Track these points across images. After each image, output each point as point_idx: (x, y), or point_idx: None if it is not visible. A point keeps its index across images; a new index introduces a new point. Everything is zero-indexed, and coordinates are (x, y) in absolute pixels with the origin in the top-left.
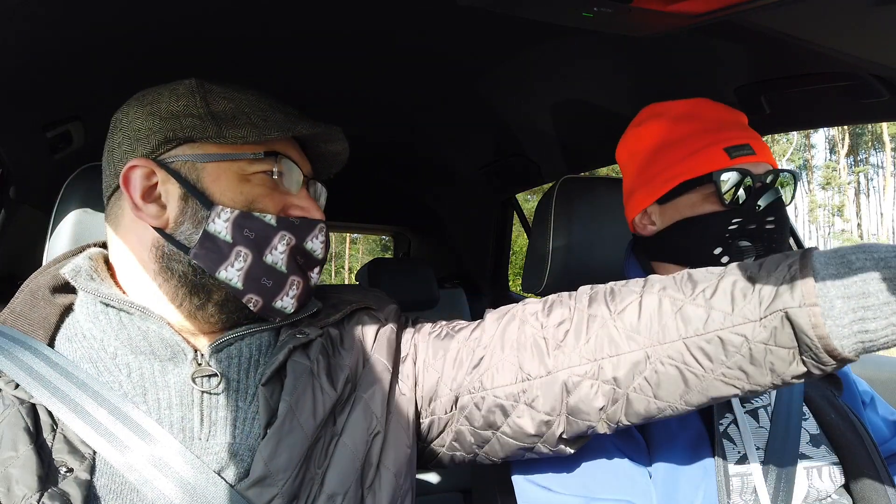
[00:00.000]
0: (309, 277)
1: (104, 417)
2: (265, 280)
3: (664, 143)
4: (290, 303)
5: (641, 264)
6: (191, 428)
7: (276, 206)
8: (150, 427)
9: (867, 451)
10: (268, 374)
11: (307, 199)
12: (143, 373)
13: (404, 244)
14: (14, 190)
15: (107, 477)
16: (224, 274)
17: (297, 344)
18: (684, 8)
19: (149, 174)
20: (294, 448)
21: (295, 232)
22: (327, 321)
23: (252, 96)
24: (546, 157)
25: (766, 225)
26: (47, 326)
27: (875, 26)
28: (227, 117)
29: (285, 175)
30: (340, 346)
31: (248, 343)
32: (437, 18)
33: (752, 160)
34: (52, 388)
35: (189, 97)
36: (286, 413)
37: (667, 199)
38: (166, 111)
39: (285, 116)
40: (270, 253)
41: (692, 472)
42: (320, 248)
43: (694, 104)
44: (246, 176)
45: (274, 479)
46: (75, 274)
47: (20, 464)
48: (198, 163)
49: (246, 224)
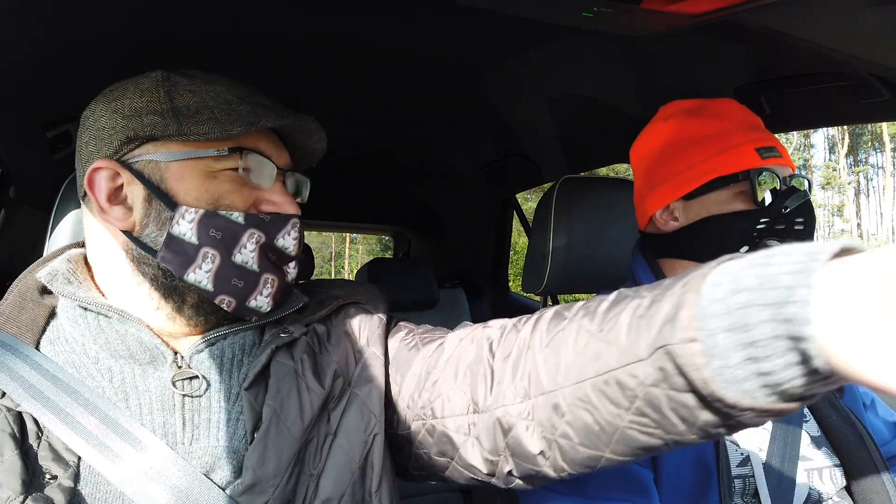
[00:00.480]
0: (285, 273)
1: (93, 425)
2: (236, 280)
3: (693, 138)
4: (265, 301)
5: (649, 263)
6: (173, 433)
7: (246, 203)
8: (141, 434)
9: (868, 453)
10: (250, 378)
11: (280, 194)
12: (124, 377)
13: (404, 244)
14: (14, 190)
15: (91, 486)
16: (193, 276)
17: (281, 344)
18: (684, 8)
19: (114, 175)
20: (282, 453)
21: (265, 229)
22: (312, 318)
23: (221, 86)
24: (546, 157)
25: (795, 226)
26: (35, 329)
27: (875, 26)
28: (189, 113)
29: (254, 170)
30: (327, 343)
31: (231, 343)
32: (438, 18)
33: (780, 162)
34: (39, 397)
35: (152, 92)
36: (270, 418)
37: (694, 195)
38: (129, 108)
39: (252, 108)
40: (240, 252)
41: (695, 474)
42: (293, 245)
43: (721, 103)
44: (212, 173)
45: (264, 486)
46: (51, 278)
47: (5, 468)
48: (162, 162)
49: (212, 224)
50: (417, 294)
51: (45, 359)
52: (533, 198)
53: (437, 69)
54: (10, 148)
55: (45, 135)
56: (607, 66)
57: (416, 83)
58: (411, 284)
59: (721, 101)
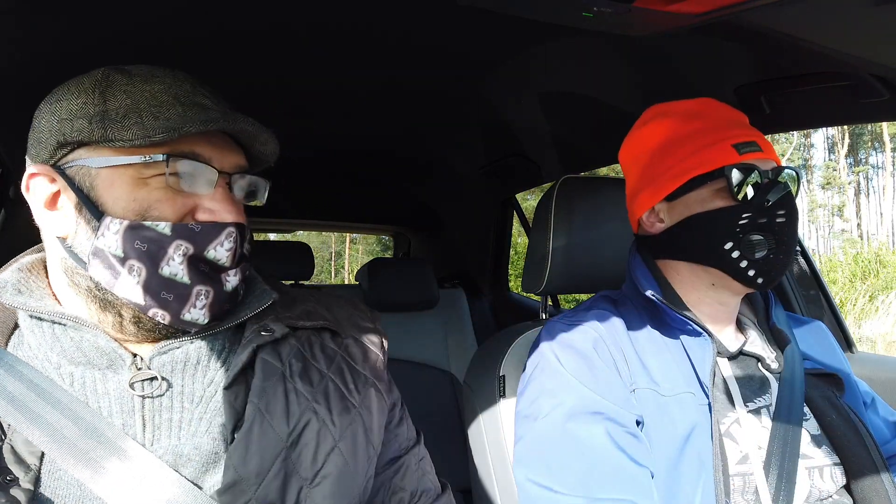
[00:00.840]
0: (222, 283)
1: (63, 426)
2: (165, 293)
3: (671, 140)
4: (199, 314)
5: (646, 263)
6: (133, 434)
7: (178, 212)
8: (113, 435)
9: (868, 452)
10: (231, 377)
11: (220, 201)
12: (84, 382)
13: (404, 244)
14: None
15: (52, 489)
16: (121, 290)
17: (263, 343)
18: (684, 8)
19: (50, 181)
20: (266, 452)
21: (193, 240)
22: (297, 324)
23: (160, 85)
24: (546, 157)
25: (777, 219)
26: (5, 331)
27: (875, 26)
28: (117, 117)
29: (186, 177)
30: (321, 354)
31: (198, 346)
32: (438, 18)
33: (760, 157)
34: (6, 396)
35: (88, 94)
36: (254, 416)
37: (676, 196)
38: (65, 111)
39: (183, 111)
40: (167, 264)
41: (692, 471)
42: (226, 256)
43: (700, 103)
44: (143, 180)
45: (246, 485)
46: (0, 290)
47: None
48: (93, 168)
49: (137, 235)
50: (417, 294)
51: (16, 360)
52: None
53: (437, 69)
54: (10, 148)
55: None
56: (607, 66)
57: (417, 83)
58: (411, 284)
59: (699, 100)
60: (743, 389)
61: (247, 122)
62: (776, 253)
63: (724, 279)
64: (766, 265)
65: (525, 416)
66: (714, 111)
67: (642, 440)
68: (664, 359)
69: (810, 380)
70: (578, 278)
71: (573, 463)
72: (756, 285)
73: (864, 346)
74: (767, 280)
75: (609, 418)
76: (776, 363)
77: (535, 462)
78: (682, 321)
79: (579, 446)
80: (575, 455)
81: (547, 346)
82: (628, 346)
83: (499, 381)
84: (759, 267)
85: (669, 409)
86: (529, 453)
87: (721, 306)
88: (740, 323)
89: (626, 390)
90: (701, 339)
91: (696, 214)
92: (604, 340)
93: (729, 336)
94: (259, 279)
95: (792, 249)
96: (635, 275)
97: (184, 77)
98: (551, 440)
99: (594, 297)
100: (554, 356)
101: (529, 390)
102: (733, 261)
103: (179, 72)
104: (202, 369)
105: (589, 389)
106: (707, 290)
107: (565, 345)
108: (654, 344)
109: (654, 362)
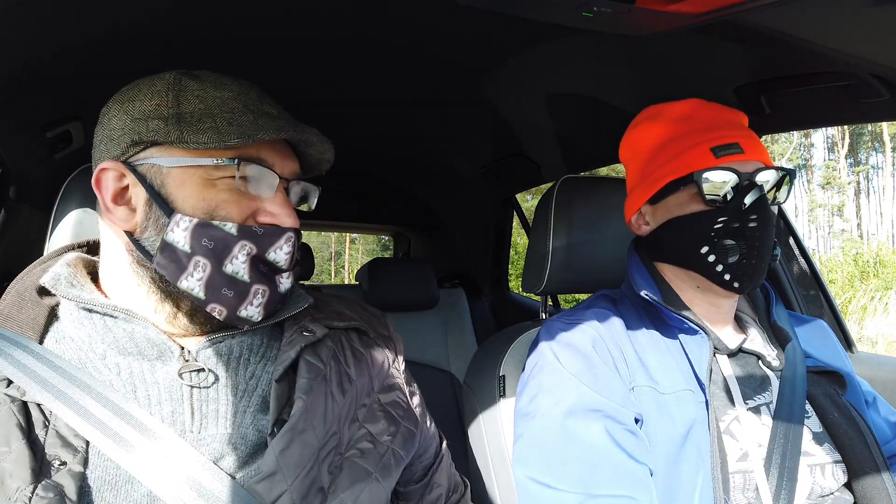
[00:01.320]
0: (277, 284)
1: (101, 412)
2: (226, 290)
3: (657, 144)
4: (255, 311)
5: (644, 263)
6: (182, 421)
7: (243, 213)
8: (149, 422)
9: (870, 450)
10: (280, 371)
11: (280, 205)
12: (132, 371)
13: (404, 244)
14: (14, 190)
15: (101, 469)
16: (185, 283)
17: (307, 343)
18: (684, 8)
19: (119, 176)
20: (306, 448)
21: (257, 241)
22: (331, 324)
23: (229, 92)
24: (546, 157)
25: (749, 223)
26: (36, 328)
27: (875, 26)
28: (192, 120)
29: (253, 180)
30: (352, 357)
31: (240, 341)
32: (438, 18)
33: (740, 158)
34: (45, 384)
35: (162, 96)
36: (302, 411)
37: (657, 199)
38: (138, 111)
39: (255, 118)
40: (231, 262)
41: (691, 469)
42: (284, 259)
43: (691, 105)
44: (212, 181)
45: (285, 475)
46: (55, 282)
47: (13, 458)
48: (164, 167)
49: (205, 233)
50: (417, 294)
51: (46, 350)
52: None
53: (437, 69)
54: (10, 148)
55: (44, 135)
56: (607, 66)
57: (417, 83)
58: (411, 284)
59: (686, 102)
60: (742, 387)
61: (312, 133)
62: (748, 258)
63: (705, 282)
64: (739, 270)
65: (524, 414)
66: (702, 113)
67: (641, 438)
68: (663, 357)
69: (812, 377)
70: (578, 278)
71: (572, 460)
72: (733, 289)
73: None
74: (743, 285)
75: (608, 416)
76: (777, 361)
77: (533, 459)
78: (678, 320)
79: (578, 444)
80: (574, 453)
81: (546, 344)
82: (627, 345)
83: (499, 381)
84: (734, 272)
85: (668, 407)
86: (528, 451)
87: (713, 307)
88: (741, 320)
89: (626, 388)
90: (698, 336)
91: (675, 218)
92: (603, 339)
93: (728, 334)
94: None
95: (764, 254)
96: (631, 274)
97: (249, 86)
98: (550, 438)
99: (593, 296)
100: (553, 355)
101: (528, 389)
102: (710, 265)
103: (244, 81)
104: (244, 363)
105: (588, 388)
106: (695, 291)
107: (564, 343)
108: (652, 342)
109: (653, 361)
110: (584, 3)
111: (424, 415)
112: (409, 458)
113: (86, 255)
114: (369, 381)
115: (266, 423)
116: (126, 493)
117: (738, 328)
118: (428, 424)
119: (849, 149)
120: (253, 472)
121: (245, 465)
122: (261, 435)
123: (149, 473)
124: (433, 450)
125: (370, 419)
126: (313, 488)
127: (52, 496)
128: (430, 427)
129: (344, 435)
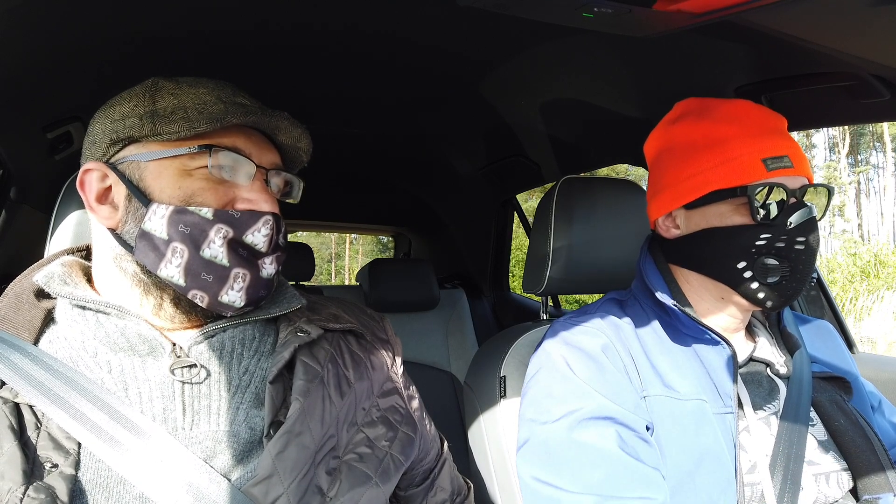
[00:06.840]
0: (259, 268)
1: (92, 413)
2: (206, 275)
3: (700, 144)
4: (237, 296)
5: (658, 265)
6: (173, 418)
7: (220, 200)
8: (141, 422)
9: (877, 457)
10: (275, 372)
11: (257, 192)
12: (123, 368)
13: (404, 244)
14: (15, 190)
15: (92, 471)
16: (165, 272)
17: (302, 343)
18: (684, 8)
19: (102, 176)
20: (302, 450)
21: (233, 225)
22: (328, 326)
23: (204, 89)
24: (546, 157)
25: (795, 245)
26: (32, 329)
27: (875, 26)
28: (166, 114)
29: (228, 169)
30: (350, 360)
31: (231, 336)
32: (438, 18)
33: (790, 174)
34: (38, 386)
35: (139, 97)
36: (299, 413)
37: (695, 206)
38: (118, 113)
39: (225, 107)
40: (208, 247)
41: (707, 481)
42: (262, 241)
43: (737, 105)
44: (188, 171)
45: (281, 478)
46: (48, 280)
47: (4, 460)
48: (142, 161)
49: (181, 219)
50: (418, 294)
51: (42, 352)
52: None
53: (438, 69)
54: (10, 148)
55: (45, 136)
56: (607, 67)
57: (417, 83)
58: (411, 285)
59: (735, 102)
60: (753, 397)
61: (282, 117)
62: (790, 280)
63: (733, 295)
64: (777, 290)
65: (530, 419)
66: (750, 116)
67: (653, 445)
68: (676, 361)
69: (818, 384)
70: (579, 279)
71: (586, 467)
72: (765, 307)
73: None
74: (777, 304)
75: (620, 423)
76: (785, 368)
77: (543, 464)
78: (698, 329)
79: (591, 451)
80: (587, 459)
81: (554, 348)
82: (638, 350)
83: (499, 382)
84: (770, 291)
85: (684, 416)
86: (537, 456)
87: (730, 318)
88: (750, 326)
89: (637, 395)
90: (719, 347)
91: (713, 228)
92: (613, 344)
93: (739, 341)
94: (287, 284)
95: (807, 278)
96: (647, 275)
97: (225, 83)
98: (562, 445)
99: (601, 299)
100: (563, 360)
101: (535, 392)
102: (745, 280)
103: (221, 80)
104: (237, 357)
105: (599, 394)
106: (716, 301)
107: (574, 348)
108: (663, 346)
109: (666, 365)
110: (585, 3)
111: (423, 419)
112: (408, 462)
113: (83, 260)
114: (369, 385)
115: (259, 419)
116: (118, 495)
117: (748, 335)
118: (428, 428)
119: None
120: (248, 474)
121: (238, 464)
122: (253, 433)
123: (141, 475)
124: (434, 453)
125: (368, 424)
126: (310, 491)
127: (43, 497)
128: (430, 430)
129: (341, 438)
